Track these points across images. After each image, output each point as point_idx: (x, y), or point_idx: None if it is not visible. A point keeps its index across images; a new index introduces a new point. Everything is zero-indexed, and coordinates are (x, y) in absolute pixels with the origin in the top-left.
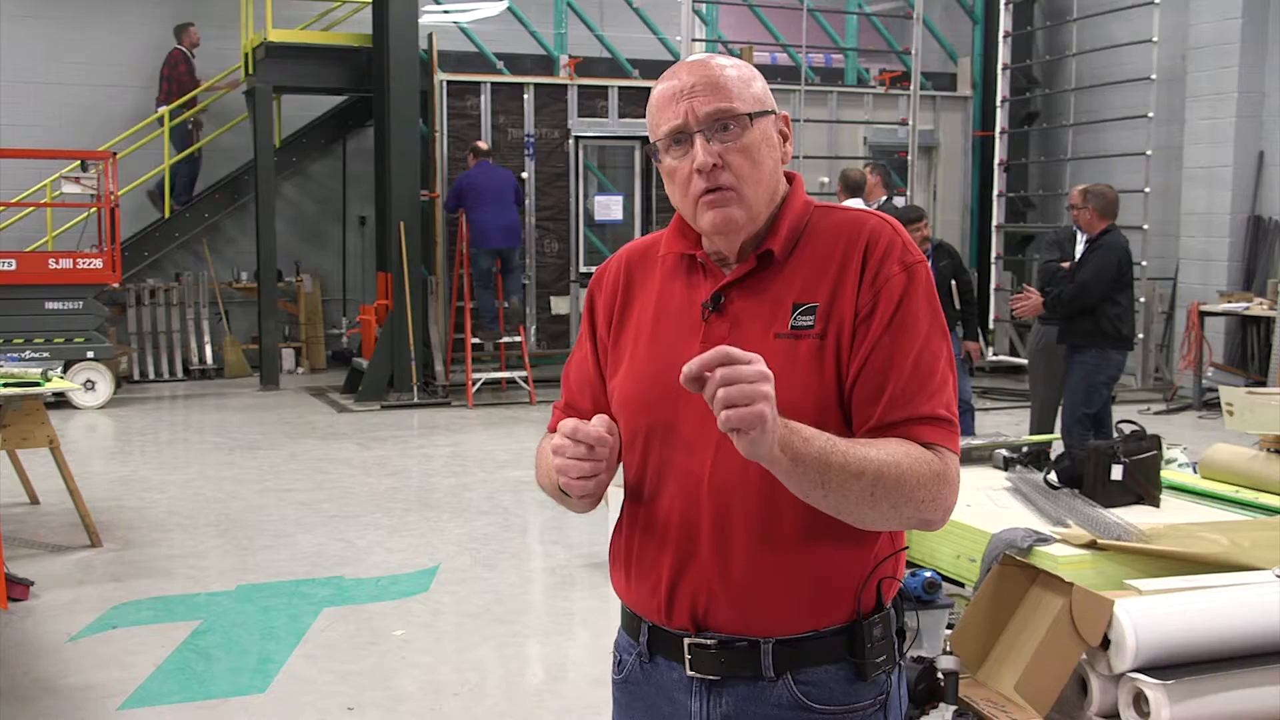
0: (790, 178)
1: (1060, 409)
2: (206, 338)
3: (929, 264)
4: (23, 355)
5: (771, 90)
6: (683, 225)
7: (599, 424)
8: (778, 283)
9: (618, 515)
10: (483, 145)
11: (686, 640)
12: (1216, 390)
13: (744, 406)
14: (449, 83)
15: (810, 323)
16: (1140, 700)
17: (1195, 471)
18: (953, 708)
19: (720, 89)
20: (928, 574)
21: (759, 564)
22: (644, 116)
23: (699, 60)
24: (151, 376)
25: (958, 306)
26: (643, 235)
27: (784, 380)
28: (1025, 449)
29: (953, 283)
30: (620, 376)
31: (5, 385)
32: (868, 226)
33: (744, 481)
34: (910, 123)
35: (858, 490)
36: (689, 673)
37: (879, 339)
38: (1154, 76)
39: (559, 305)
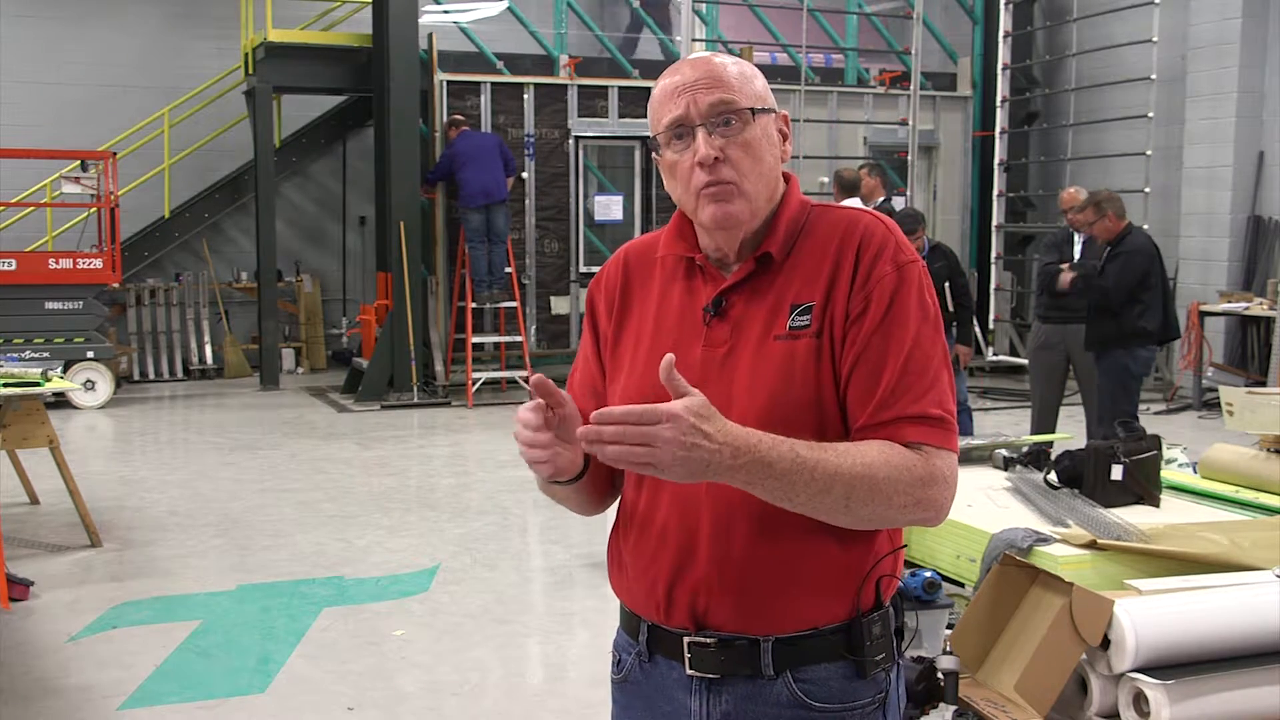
0: (786, 178)
1: (1091, 412)
2: (206, 338)
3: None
4: (23, 355)
5: (772, 90)
6: (681, 226)
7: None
8: (777, 284)
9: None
10: (460, 117)
11: (686, 639)
12: (1216, 390)
13: (636, 447)
14: (449, 83)
15: (807, 322)
16: (1140, 700)
17: (1195, 471)
18: (953, 708)
19: (722, 83)
20: (928, 574)
21: (759, 562)
22: (644, 116)
23: (701, 57)
24: (151, 376)
25: (952, 309)
26: (642, 235)
27: (785, 381)
28: (1025, 449)
29: (947, 284)
30: (621, 382)
31: (5, 385)
32: (861, 225)
33: None
34: (910, 123)
35: (829, 503)
36: (689, 671)
37: (870, 339)
38: (1154, 76)
39: (559, 305)
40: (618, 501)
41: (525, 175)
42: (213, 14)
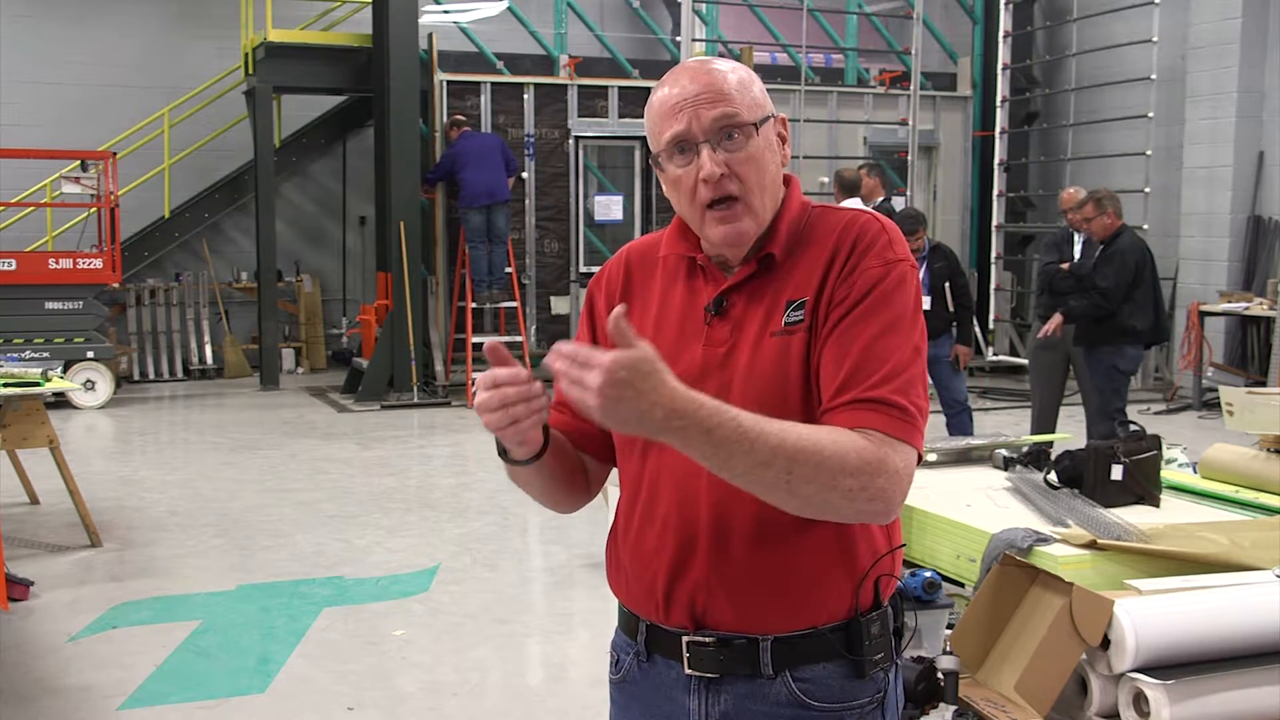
0: (787, 180)
1: (1088, 410)
2: (206, 338)
3: (918, 267)
4: (23, 355)
5: (771, 90)
6: (683, 227)
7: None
8: (776, 283)
9: (613, 516)
10: (462, 117)
11: (685, 638)
12: (1216, 390)
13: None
14: (449, 83)
15: (800, 317)
16: (1140, 700)
17: (1195, 471)
18: (953, 708)
19: (723, 96)
20: (928, 574)
21: (757, 561)
22: (644, 116)
23: (698, 65)
24: (151, 376)
25: (952, 309)
26: (642, 235)
27: (780, 376)
28: (1025, 449)
29: (947, 284)
30: None
31: (5, 385)
32: (858, 224)
33: None
34: (910, 123)
35: (769, 477)
36: (687, 671)
37: (840, 322)
38: (1154, 76)
39: (559, 305)
40: (616, 501)
41: (525, 175)
42: (213, 14)
